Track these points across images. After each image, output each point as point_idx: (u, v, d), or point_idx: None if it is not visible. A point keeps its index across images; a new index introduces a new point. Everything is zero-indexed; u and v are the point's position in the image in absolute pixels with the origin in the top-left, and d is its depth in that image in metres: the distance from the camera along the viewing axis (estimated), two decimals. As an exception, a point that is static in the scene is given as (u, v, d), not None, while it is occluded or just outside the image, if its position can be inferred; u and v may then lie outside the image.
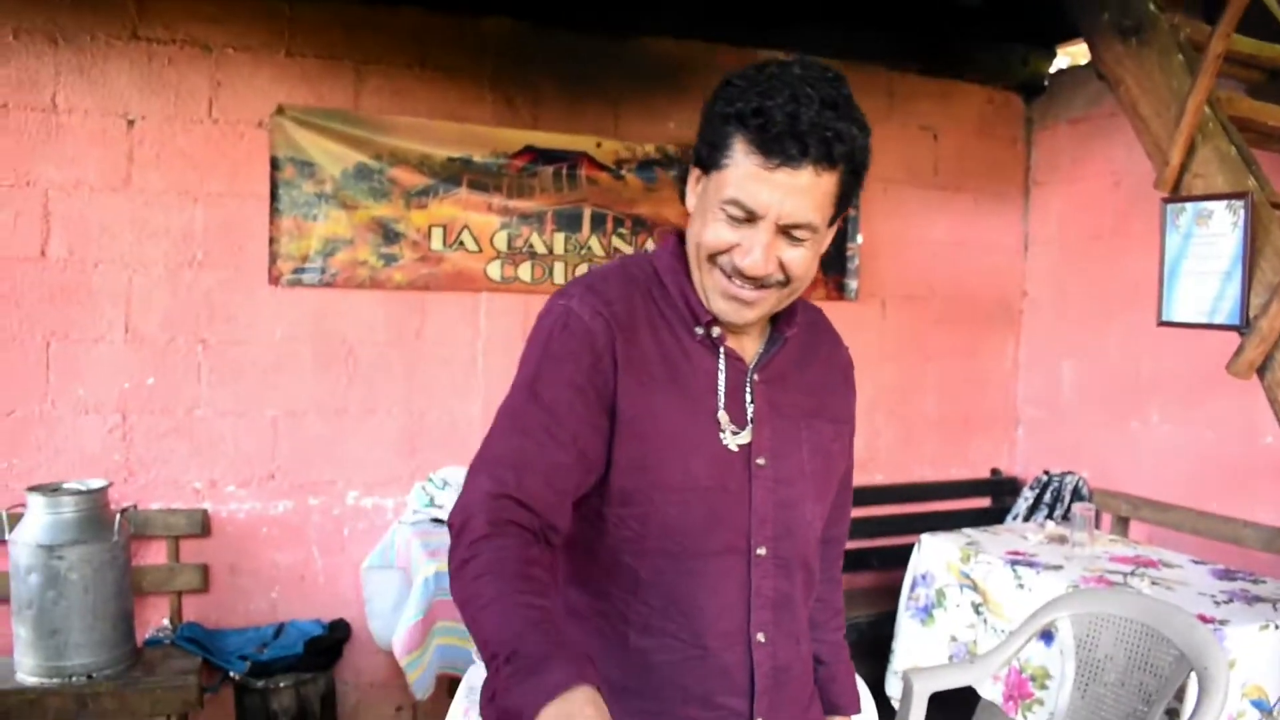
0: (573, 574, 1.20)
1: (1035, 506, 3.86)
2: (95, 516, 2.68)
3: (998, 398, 4.24)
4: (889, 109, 3.93)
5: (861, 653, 1.86)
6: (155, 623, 3.03)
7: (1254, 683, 2.28)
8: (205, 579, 3.09)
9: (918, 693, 2.21)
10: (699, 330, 1.19)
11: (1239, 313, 2.40)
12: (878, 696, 2.55)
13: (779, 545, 1.19)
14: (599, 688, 0.87)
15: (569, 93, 3.46)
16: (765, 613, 1.18)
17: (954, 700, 2.38)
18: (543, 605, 0.95)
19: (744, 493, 1.17)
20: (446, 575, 1.05)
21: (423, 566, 2.64)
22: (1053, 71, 4.13)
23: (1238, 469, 3.32)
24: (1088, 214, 3.93)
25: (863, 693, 1.46)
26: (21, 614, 2.62)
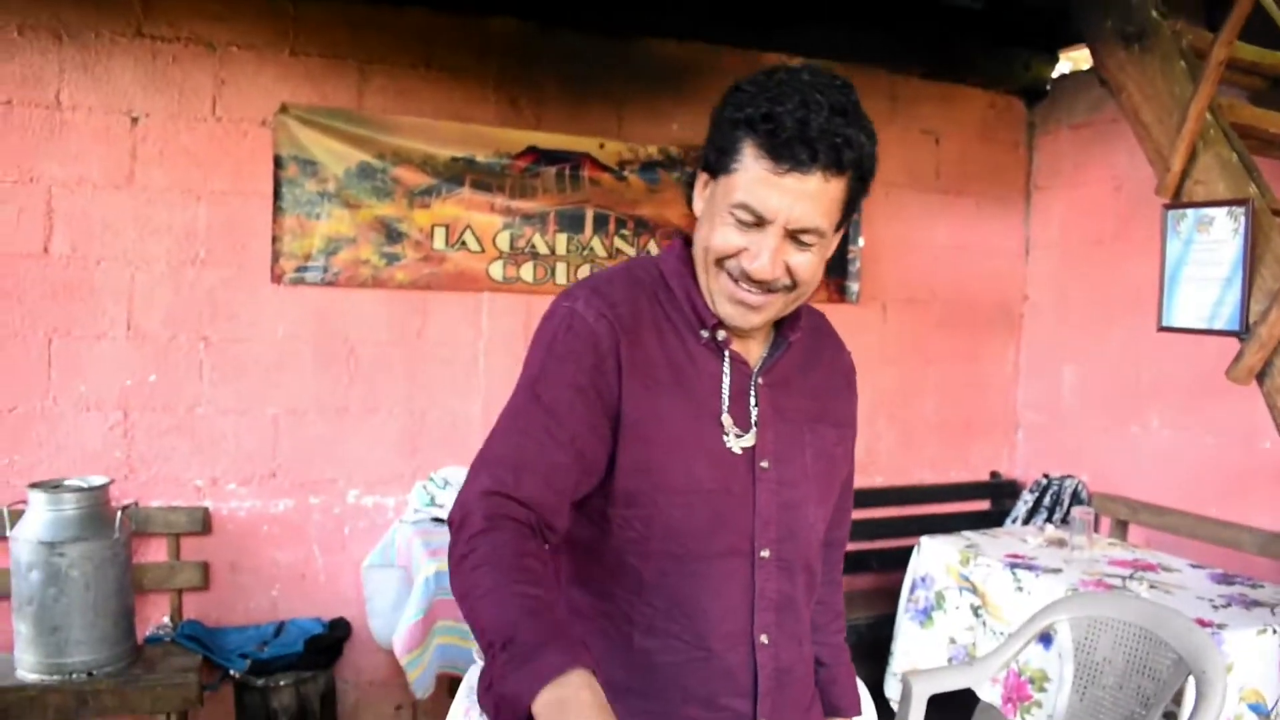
0: (577, 575, 1.20)
1: (1035, 510, 3.87)
2: (96, 513, 2.68)
3: (998, 401, 4.25)
4: (891, 112, 3.93)
5: (861, 654, 1.86)
6: (156, 620, 3.03)
7: (1251, 686, 2.29)
8: (206, 577, 3.10)
9: (917, 695, 2.22)
10: (704, 333, 1.19)
11: (1239, 319, 2.41)
12: (877, 698, 2.54)
13: (782, 548, 1.19)
14: (594, 671, 0.88)
15: (573, 93, 3.46)
16: (768, 614, 1.19)
17: (953, 702, 2.38)
18: (538, 594, 0.96)
19: (748, 495, 1.17)
20: (447, 574, 1.06)
21: (423, 565, 2.64)
22: (1055, 76, 4.13)
23: (1237, 474, 3.32)
24: (1089, 219, 3.93)
25: (863, 695, 1.47)
26: (22, 610, 2.62)
